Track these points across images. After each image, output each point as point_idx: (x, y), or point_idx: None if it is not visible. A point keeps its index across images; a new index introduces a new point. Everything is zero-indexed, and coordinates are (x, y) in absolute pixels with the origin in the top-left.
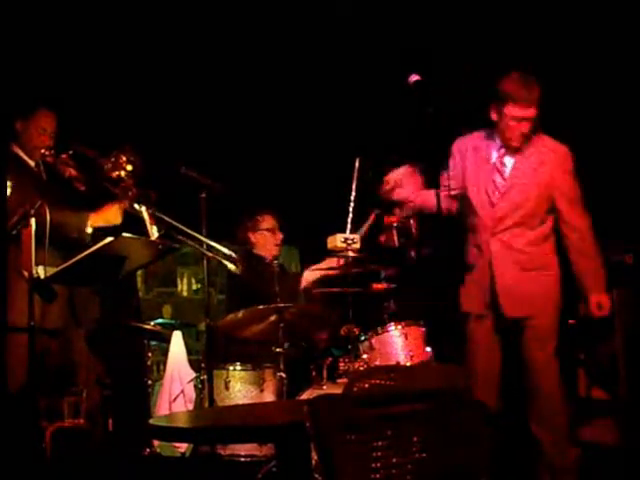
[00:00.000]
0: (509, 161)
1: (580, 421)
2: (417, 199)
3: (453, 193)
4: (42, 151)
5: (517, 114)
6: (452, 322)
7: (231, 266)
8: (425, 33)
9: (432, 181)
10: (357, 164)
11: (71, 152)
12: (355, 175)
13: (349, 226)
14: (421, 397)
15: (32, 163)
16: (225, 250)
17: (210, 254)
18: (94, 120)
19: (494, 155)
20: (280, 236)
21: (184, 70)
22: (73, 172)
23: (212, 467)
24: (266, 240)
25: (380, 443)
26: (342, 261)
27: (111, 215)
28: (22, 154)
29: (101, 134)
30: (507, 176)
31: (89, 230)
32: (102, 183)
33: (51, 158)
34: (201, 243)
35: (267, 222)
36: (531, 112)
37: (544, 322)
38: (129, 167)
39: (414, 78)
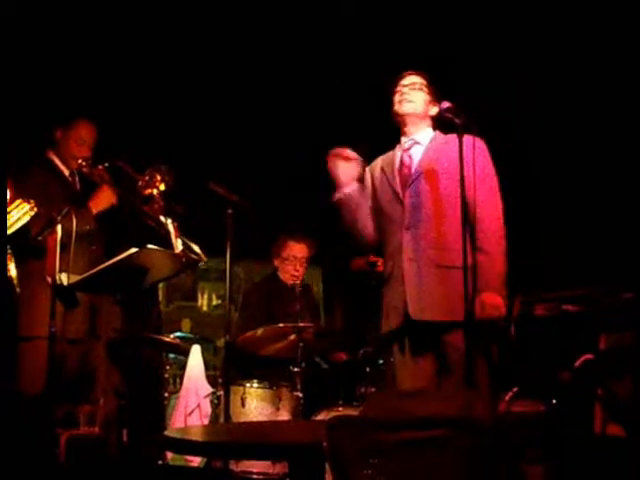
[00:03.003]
0: (416, 154)
1: (595, 459)
2: (354, 199)
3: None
4: (79, 161)
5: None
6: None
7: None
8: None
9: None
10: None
11: (107, 164)
12: None
13: None
14: (438, 423)
15: (67, 172)
16: (195, 247)
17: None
18: (127, 133)
19: (398, 154)
20: (299, 268)
21: (220, 88)
22: (107, 186)
23: None
24: (284, 269)
25: (395, 467)
26: None
27: (106, 197)
28: (57, 161)
29: (134, 147)
30: (413, 167)
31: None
32: (132, 198)
33: (87, 169)
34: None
35: (289, 251)
36: (405, 80)
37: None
38: (162, 187)
39: (446, 105)
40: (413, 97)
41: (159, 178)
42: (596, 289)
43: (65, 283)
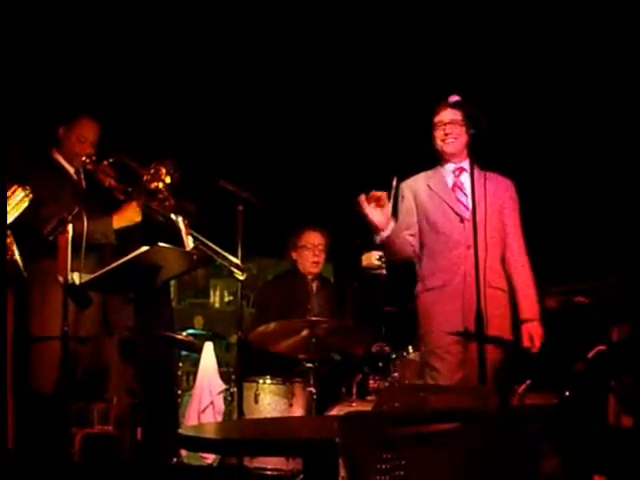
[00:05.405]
0: (466, 180)
1: (609, 451)
2: (394, 238)
3: (412, 231)
4: (83, 159)
5: (437, 119)
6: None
7: (237, 274)
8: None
9: None
10: (394, 183)
11: (111, 160)
12: (392, 194)
13: None
14: (450, 417)
15: (72, 170)
16: (232, 258)
17: (219, 260)
18: (135, 131)
19: (450, 178)
20: (318, 254)
21: (229, 85)
22: (112, 182)
23: (238, 479)
24: (303, 257)
25: (408, 462)
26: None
27: (132, 213)
28: (62, 160)
29: (143, 146)
30: (468, 195)
31: (113, 233)
32: (138, 194)
33: (91, 166)
34: (211, 249)
35: (306, 239)
36: (446, 116)
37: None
38: (167, 179)
39: (454, 99)
40: (456, 135)
41: (164, 171)
42: (607, 280)
43: (77, 282)
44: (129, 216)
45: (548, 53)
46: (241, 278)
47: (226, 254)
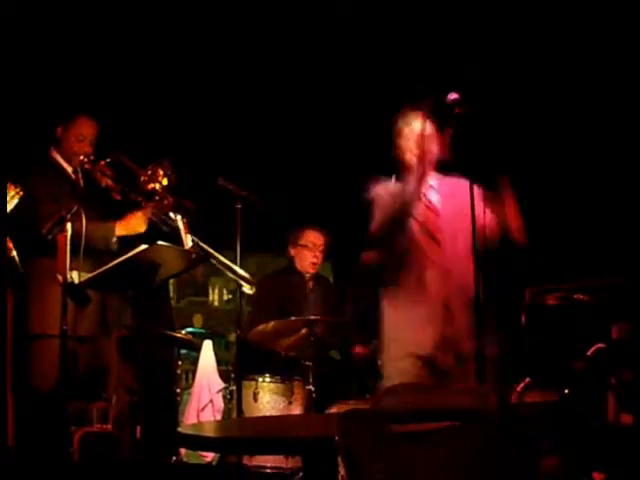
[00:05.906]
0: (433, 197)
1: (609, 449)
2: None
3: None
4: (81, 158)
5: (407, 130)
6: None
7: (245, 288)
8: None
9: None
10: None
11: (109, 160)
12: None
13: None
14: (450, 416)
15: (70, 169)
16: (241, 271)
17: (228, 274)
18: (134, 129)
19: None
20: (318, 254)
21: (231, 83)
22: (109, 182)
23: (238, 478)
24: (302, 256)
25: (407, 460)
26: None
27: (136, 223)
28: (60, 159)
29: (142, 145)
30: (438, 209)
31: (115, 240)
32: (134, 195)
33: (89, 165)
34: (221, 262)
35: (306, 238)
36: (418, 127)
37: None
38: (165, 181)
39: (453, 96)
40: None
41: (161, 173)
42: (607, 279)
43: (76, 281)
44: (133, 226)
45: (548, 53)
46: (250, 292)
47: (235, 267)
